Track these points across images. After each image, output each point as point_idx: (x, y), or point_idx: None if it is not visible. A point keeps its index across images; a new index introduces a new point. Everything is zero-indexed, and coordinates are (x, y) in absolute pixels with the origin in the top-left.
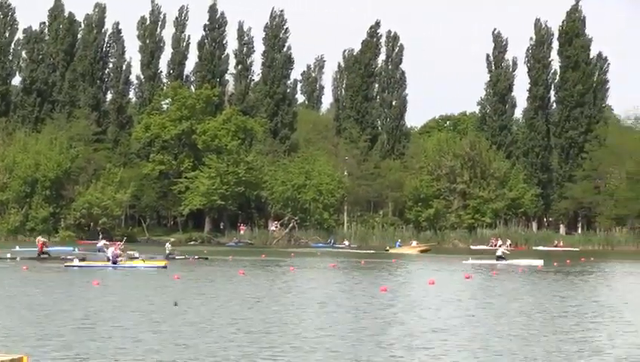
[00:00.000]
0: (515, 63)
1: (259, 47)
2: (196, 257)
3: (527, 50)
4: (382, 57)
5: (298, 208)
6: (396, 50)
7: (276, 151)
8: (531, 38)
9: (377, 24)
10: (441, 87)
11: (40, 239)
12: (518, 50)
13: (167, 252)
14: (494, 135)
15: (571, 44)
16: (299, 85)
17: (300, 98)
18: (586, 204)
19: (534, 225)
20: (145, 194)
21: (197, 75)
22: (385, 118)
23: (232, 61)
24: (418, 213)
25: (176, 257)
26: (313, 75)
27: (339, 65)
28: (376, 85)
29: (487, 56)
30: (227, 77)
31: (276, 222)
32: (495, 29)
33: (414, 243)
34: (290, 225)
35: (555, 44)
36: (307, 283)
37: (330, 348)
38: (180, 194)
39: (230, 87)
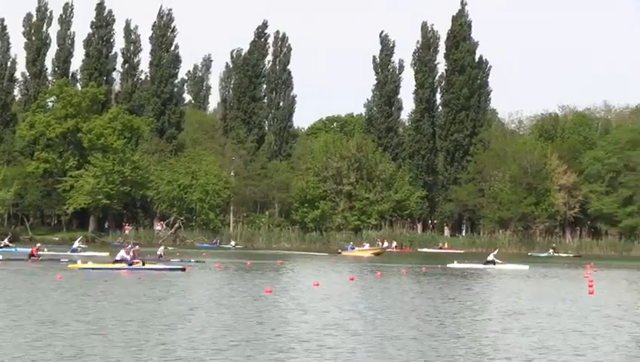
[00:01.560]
0: (401, 66)
1: (146, 45)
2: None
3: (414, 53)
4: (270, 58)
5: (184, 208)
6: (284, 51)
7: (162, 150)
8: (418, 42)
9: (265, 25)
10: (328, 88)
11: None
12: (405, 53)
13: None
14: (381, 137)
15: (457, 47)
16: (186, 85)
17: (187, 97)
18: (471, 207)
19: (419, 226)
20: (29, 193)
21: (83, 73)
22: (272, 118)
23: (119, 59)
24: (304, 214)
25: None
26: (200, 74)
27: (226, 66)
28: (264, 86)
29: (374, 58)
30: (114, 75)
31: (162, 222)
32: (382, 32)
33: (366, 245)
34: (176, 225)
35: (442, 48)
36: (197, 285)
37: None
38: (64, 193)
39: (117, 85)
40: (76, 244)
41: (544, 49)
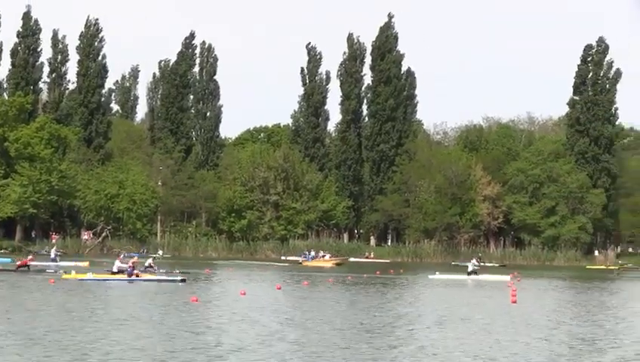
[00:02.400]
0: (328, 77)
1: (73, 55)
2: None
3: (341, 64)
4: (197, 68)
5: (111, 217)
6: (210, 62)
7: (90, 160)
8: (345, 53)
9: (192, 35)
10: (255, 98)
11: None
12: (332, 64)
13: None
14: (308, 147)
15: (383, 59)
16: (113, 94)
17: (115, 107)
18: (396, 217)
19: (345, 236)
20: None
21: (10, 83)
22: (199, 128)
23: (47, 69)
24: (231, 223)
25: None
26: (128, 84)
27: (154, 76)
28: (191, 96)
29: (302, 69)
30: (41, 85)
31: (89, 231)
32: (309, 43)
33: (327, 256)
34: (103, 234)
35: (368, 59)
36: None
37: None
38: None
39: (44, 95)
40: (53, 254)
41: (469, 61)
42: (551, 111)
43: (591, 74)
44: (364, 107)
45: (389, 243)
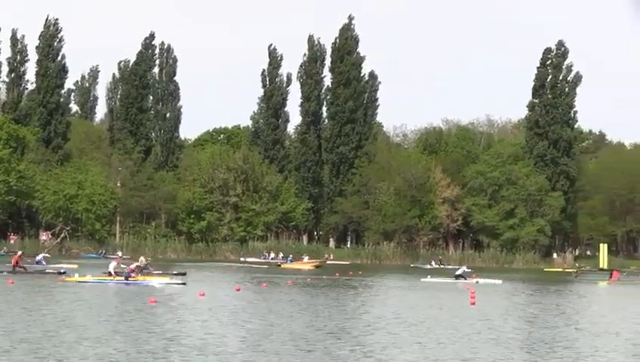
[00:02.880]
0: (289, 79)
1: (33, 55)
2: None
3: (301, 66)
4: (157, 69)
5: (70, 218)
6: (170, 63)
7: (49, 160)
8: (305, 55)
9: (152, 36)
10: (215, 100)
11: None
12: (292, 66)
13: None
14: (267, 149)
15: (343, 61)
16: (73, 95)
17: (74, 108)
18: (356, 219)
19: (305, 238)
20: None
21: None
22: (159, 129)
23: (5, 69)
24: (191, 224)
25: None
26: (87, 85)
27: (113, 77)
28: (151, 97)
29: (263, 71)
30: (0, 85)
31: (47, 232)
32: (271, 45)
33: (306, 258)
34: (62, 235)
35: (328, 61)
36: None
37: None
38: None
39: (3, 95)
40: (40, 257)
41: (428, 64)
42: (510, 114)
43: (550, 77)
44: (324, 109)
45: (349, 245)
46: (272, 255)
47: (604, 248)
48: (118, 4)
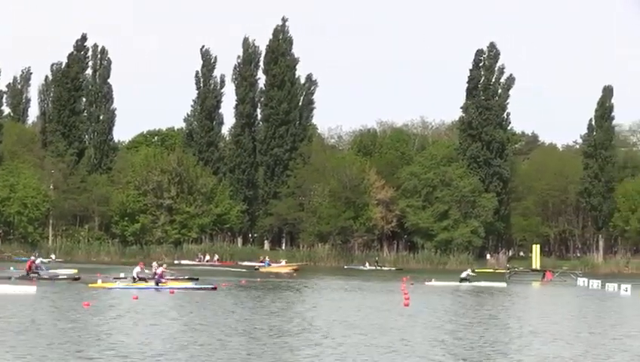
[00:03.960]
0: (223, 81)
1: None
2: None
3: (235, 67)
4: (90, 71)
5: (2, 221)
6: (104, 65)
7: None
8: (239, 57)
9: (84, 38)
10: (149, 101)
11: (31, 258)
12: (226, 68)
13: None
14: (202, 151)
15: (277, 63)
16: (4, 97)
17: (6, 110)
18: (290, 221)
19: (240, 240)
20: None
21: None
22: (92, 132)
23: None
24: (125, 227)
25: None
26: (19, 87)
27: (46, 78)
28: (84, 99)
29: (196, 73)
30: None
31: None
32: (204, 46)
33: (283, 262)
34: None
35: (262, 63)
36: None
37: None
38: None
39: None
40: (38, 260)
41: (363, 66)
42: (444, 115)
43: (483, 79)
44: (259, 111)
45: (283, 247)
46: (207, 257)
47: (536, 249)
48: (51, 6)
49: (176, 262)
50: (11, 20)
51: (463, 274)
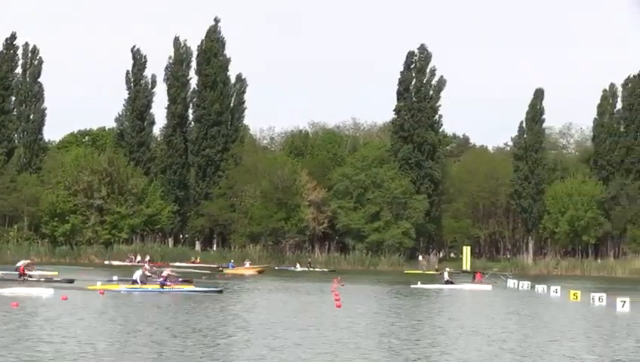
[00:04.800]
0: (154, 81)
1: None
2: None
3: (167, 68)
4: (20, 70)
5: None
6: (35, 64)
7: None
8: (170, 57)
9: (14, 36)
10: (80, 101)
11: (24, 262)
12: (157, 68)
13: None
14: (133, 151)
15: (209, 63)
16: None
17: None
18: (222, 222)
19: (170, 241)
20: None
21: None
22: (22, 131)
23: None
24: (54, 227)
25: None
26: None
27: None
28: (14, 98)
29: (127, 72)
30: None
31: None
32: (134, 46)
33: (247, 263)
34: None
35: (194, 63)
36: None
37: None
38: None
39: None
40: (20, 263)
41: (295, 67)
42: (376, 117)
43: (414, 81)
44: (191, 111)
45: (215, 248)
46: (139, 258)
47: (467, 250)
48: None
49: (106, 262)
50: None
51: (446, 276)
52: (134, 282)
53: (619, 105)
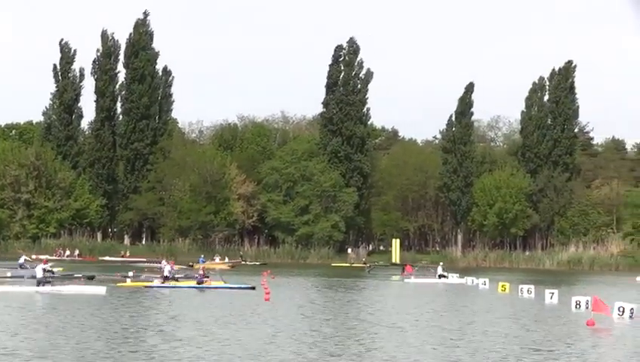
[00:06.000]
0: (82, 74)
1: None
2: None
3: (95, 61)
4: None
5: None
6: None
7: None
8: (98, 50)
9: None
10: (6, 95)
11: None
12: (86, 61)
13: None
14: (60, 145)
15: (137, 56)
16: None
17: None
18: (151, 215)
19: (99, 235)
20: None
21: None
22: None
23: None
24: None
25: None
26: None
27: None
28: None
29: (55, 66)
30: None
31: None
32: (62, 39)
33: (217, 258)
34: None
35: (123, 57)
36: None
37: None
38: None
39: None
40: (22, 260)
41: (224, 60)
42: (305, 110)
43: (343, 74)
44: (119, 105)
45: (144, 242)
46: (67, 252)
47: (396, 243)
48: None
49: (34, 256)
50: None
51: (440, 271)
52: (166, 278)
53: (547, 98)
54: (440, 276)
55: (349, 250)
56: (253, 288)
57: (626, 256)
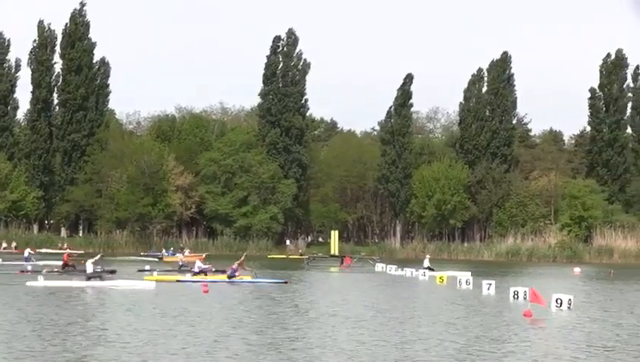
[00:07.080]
0: (18, 65)
1: None
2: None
3: (31, 51)
4: None
5: None
6: None
7: None
8: (35, 40)
9: None
10: None
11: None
12: (22, 52)
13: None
14: None
15: (74, 47)
16: None
17: None
18: (88, 207)
19: (35, 227)
20: None
21: None
22: None
23: None
24: None
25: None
26: None
27: None
28: None
29: None
30: None
31: None
32: None
33: (187, 251)
34: None
35: (59, 47)
36: None
37: None
38: None
39: None
40: (27, 253)
41: (162, 51)
42: (243, 102)
43: (281, 65)
44: (55, 96)
45: (81, 234)
46: (4, 244)
47: (335, 235)
48: None
49: None
50: None
51: (426, 263)
52: (196, 273)
53: (485, 89)
54: (428, 268)
55: (288, 242)
56: (286, 282)
57: (564, 247)
